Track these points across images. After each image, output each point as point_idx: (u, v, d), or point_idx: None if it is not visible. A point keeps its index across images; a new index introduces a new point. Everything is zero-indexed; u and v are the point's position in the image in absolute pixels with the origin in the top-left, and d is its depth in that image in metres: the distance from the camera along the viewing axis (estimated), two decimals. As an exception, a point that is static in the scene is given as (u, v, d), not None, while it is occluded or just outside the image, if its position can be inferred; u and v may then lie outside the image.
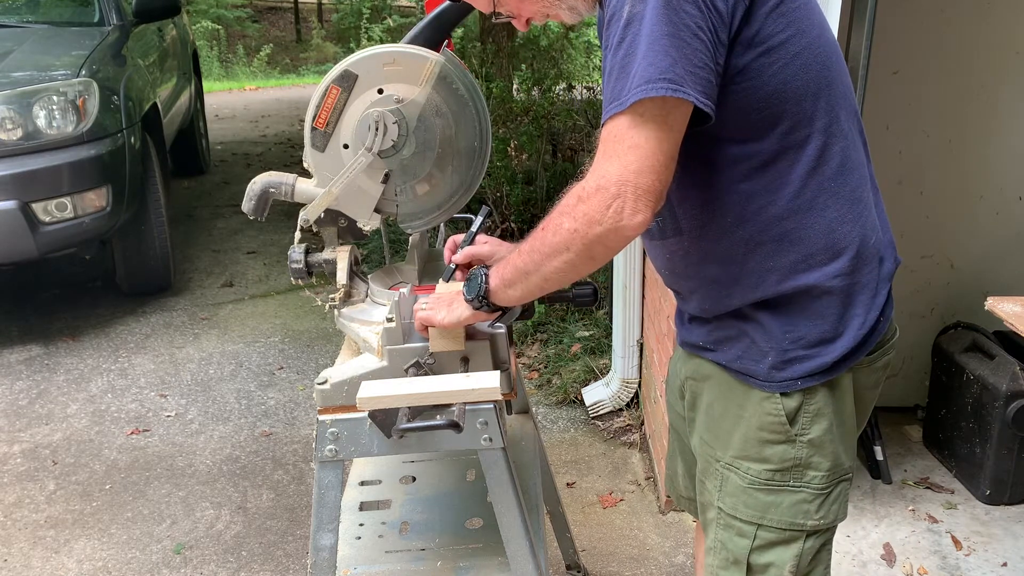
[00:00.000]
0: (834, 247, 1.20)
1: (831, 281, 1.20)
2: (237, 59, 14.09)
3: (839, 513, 1.31)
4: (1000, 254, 2.87)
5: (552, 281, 1.20)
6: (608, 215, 1.07)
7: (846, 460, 1.30)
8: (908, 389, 3.03)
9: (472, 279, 1.29)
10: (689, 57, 1.03)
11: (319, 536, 1.43)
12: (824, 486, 1.28)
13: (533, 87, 6.05)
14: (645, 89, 1.03)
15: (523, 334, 3.79)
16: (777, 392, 1.24)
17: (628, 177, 1.05)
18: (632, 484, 2.84)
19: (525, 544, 1.43)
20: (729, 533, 1.33)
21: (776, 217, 1.18)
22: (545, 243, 1.16)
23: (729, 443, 1.30)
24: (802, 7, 1.14)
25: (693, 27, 1.03)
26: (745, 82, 1.11)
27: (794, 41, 1.12)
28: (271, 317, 4.23)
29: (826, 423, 1.26)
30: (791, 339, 1.22)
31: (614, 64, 1.07)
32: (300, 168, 1.51)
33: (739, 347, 1.27)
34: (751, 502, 1.29)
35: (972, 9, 2.63)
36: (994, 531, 2.49)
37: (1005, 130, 2.76)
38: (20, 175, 3.60)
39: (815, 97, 1.15)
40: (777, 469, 1.27)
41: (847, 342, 1.23)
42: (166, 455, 3.06)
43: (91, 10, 4.86)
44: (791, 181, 1.17)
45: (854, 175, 1.22)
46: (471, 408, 1.33)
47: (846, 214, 1.20)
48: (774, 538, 1.30)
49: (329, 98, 1.41)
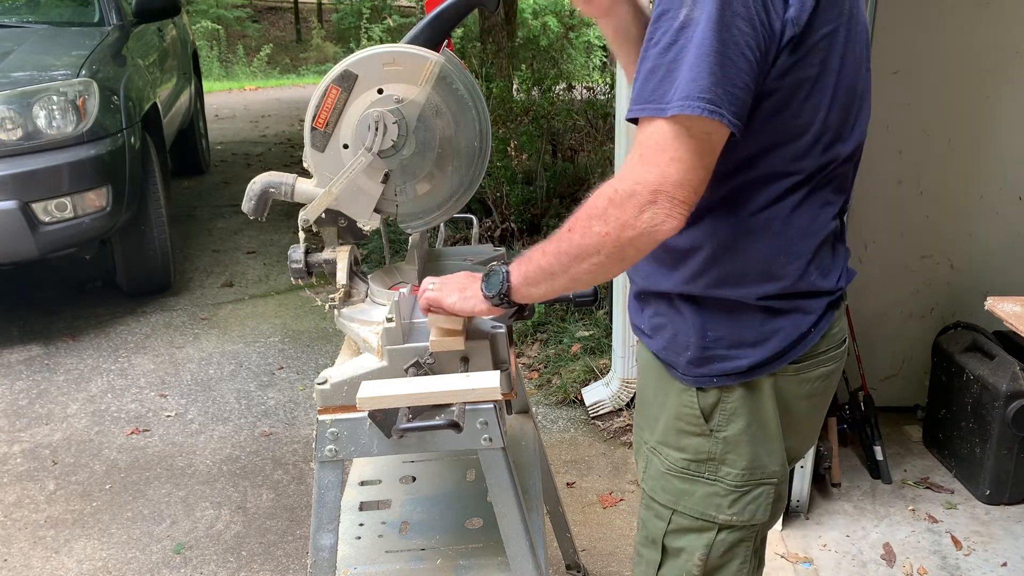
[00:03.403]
0: (769, 274, 1.20)
1: (756, 300, 1.21)
2: (237, 59, 14.08)
3: (757, 513, 1.32)
4: (1000, 254, 2.87)
5: (580, 282, 1.20)
6: (642, 220, 1.07)
7: (770, 464, 1.30)
8: (908, 389, 3.03)
9: (492, 276, 1.28)
10: (731, 77, 1.03)
11: (319, 536, 1.43)
12: (739, 484, 1.29)
13: (533, 87, 6.05)
14: (684, 105, 1.03)
15: (523, 334, 3.79)
16: (694, 386, 1.27)
17: (666, 188, 1.06)
18: (632, 484, 2.84)
19: (525, 544, 1.43)
20: (649, 514, 1.38)
21: (725, 230, 1.19)
22: (573, 245, 1.15)
23: (655, 428, 1.35)
24: (838, 46, 1.13)
25: (742, 44, 1.03)
26: (764, 104, 1.11)
27: (823, 79, 1.12)
28: (271, 317, 4.23)
29: (742, 423, 1.27)
30: (711, 337, 1.24)
31: (659, 63, 1.06)
32: (300, 168, 1.51)
33: (666, 337, 1.30)
34: (668, 487, 1.33)
35: (972, 9, 2.63)
36: (994, 531, 2.49)
37: (1005, 130, 2.76)
38: (20, 175, 3.60)
39: (817, 138, 1.15)
40: (692, 460, 1.30)
41: (765, 350, 1.23)
42: (166, 455, 3.06)
43: (91, 10, 4.85)
44: (753, 203, 1.17)
45: (821, 213, 1.21)
46: (471, 408, 1.33)
47: (794, 247, 1.20)
48: (687, 524, 1.33)
49: (329, 98, 1.41)
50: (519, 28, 10.36)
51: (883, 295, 2.90)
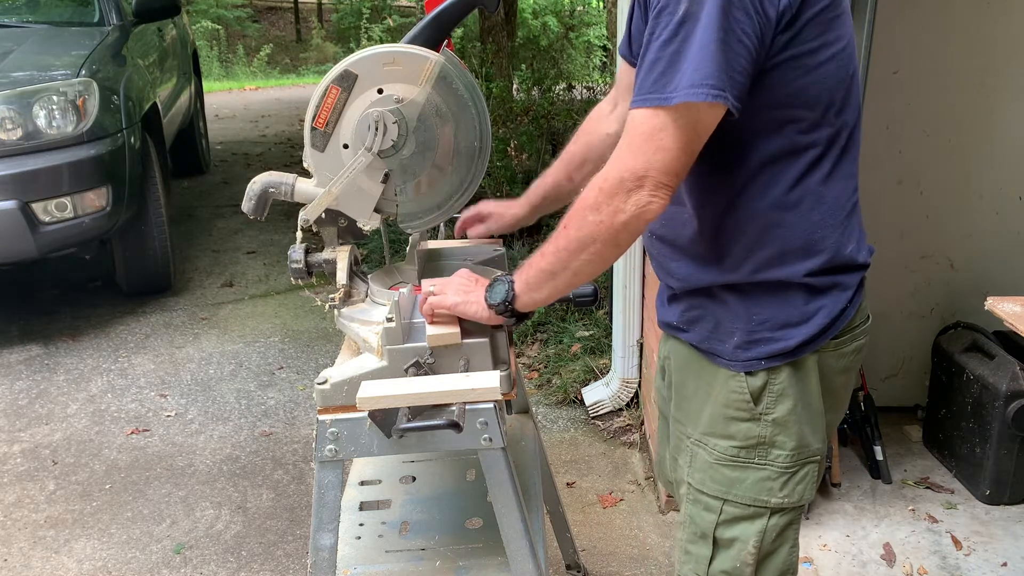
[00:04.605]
0: (810, 249, 1.24)
1: (802, 278, 1.25)
2: (237, 59, 14.08)
3: (805, 493, 1.34)
4: (1000, 254, 2.87)
5: (582, 275, 1.24)
6: (631, 203, 1.13)
7: (813, 442, 1.32)
8: (908, 389, 3.03)
9: (497, 286, 1.32)
10: (732, 63, 1.08)
11: (319, 536, 1.43)
12: (789, 465, 1.31)
13: (533, 87, 6.06)
14: (691, 93, 1.07)
15: (523, 334, 3.79)
16: (742, 371, 1.29)
17: (651, 174, 1.12)
18: (632, 484, 2.84)
19: (525, 544, 1.43)
20: (697, 508, 1.38)
21: (762, 211, 1.22)
22: (571, 239, 1.20)
23: (699, 420, 1.35)
24: (836, 19, 1.17)
25: (739, 33, 1.07)
26: (768, 81, 1.14)
27: (822, 51, 1.16)
28: (271, 317, 4.23)
29: (790, 403, 1.29)
30: (757, 321, 1.27)
31: (661, 56, 1.10)
32: (300, 168, 1.51)
33: (707, 327, 1.32)
34: (718, 477, 1.34)
35: (972, 9, 2.62)
36: (994, 531, 2.49)
37: (1005, 130, 2.75)
38: (20, 175, 3.60)
39: (827, 107, 1.19)
40: (742, 446, 1.31)
41: (811, 327, 1.26)
42: (166, 455, 3.06)
43: (91, 10, 4.86)
44: (783, 180, 1.21)
45: (844, 184, 1.25)
46: (471, 408, 1.33)
47: (828, 219, 1.24)
48: (739, 513, 1.34)
49: (329, 98, 1.41)
50: (519, 28, 10.37)
51: (883, 295, 2.89)
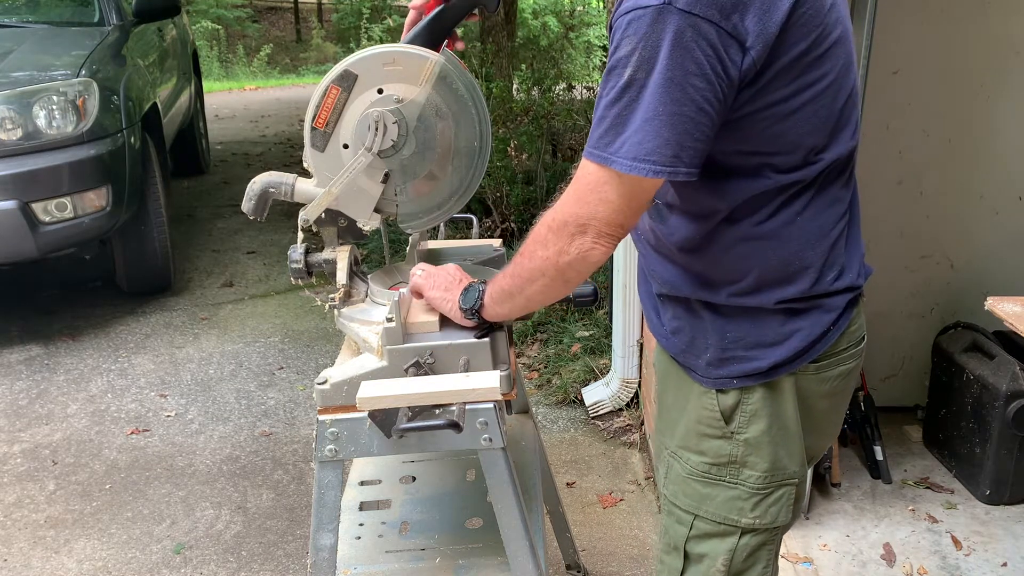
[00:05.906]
0: (788, 278, 1.21)
1: (776, 304, 1.22)
2: (237, 59, 14.07)
3: (779, 516, 1.31)
4: (1000, 254, 2.87)
5: (535, 301, 1.28)
6: (574, 247, 1.15)
7: (789, 465, 1.30)
8: (908, 389, 3.03)
9: (470, 291, 1.34)
10: (689, 132, 1.05)
11: (319, 536, 1.43)
12: (761, 487, 1.29)
13: (533, 87, 6.05)
14: (631, 166, 1.06)
15: (523, 334, 3.79)
16: (713, 389, 1.27)
17: (594, 223, 1.13)
18: (632, 484, 2.84)
19: (525, 544, 1.43)
20: (671, 520, 1.38)
21: (739, 239, 1.19)
22: (524, 268, 1.24)
23: (675, 432, 1.35)
24: (820, 58, 1.11)
25: (699, 100, 1.04)
26: (736, 129, 1.11)
27: (795, 98, 1.11)
28: (271, 317, 4.23)
29: (764, 424, 1.27)
30: (730, 339, 1.25)
31: (606, 115, 1.08)
32: (300, 168, 1.51)
33: (684, 339, 1.31)
34: (689, 491, 1.33)
35: (972, 9, 2.62)
36: (994, 531, 2.49)
37: (1005, 130, 2.75)
38: (20, 175, 3.60)
39: (808, 150, 1.15)
40: (713, 463, 1.30)
41: (786, 350, 1.23)
42: (166, 455, 3.06)
43: (91, 10, 4.85)
44: (762, 211, 1.18)
45: (830, 211, 1.22)
46: (471, 408, 1.33)
47: (807, 249, 1.20)
48: (709, 529, 1.32)
49: (329, 98, 1.41)
50: (519, 28, 10.37)
51: (883, 295, 2.89)
